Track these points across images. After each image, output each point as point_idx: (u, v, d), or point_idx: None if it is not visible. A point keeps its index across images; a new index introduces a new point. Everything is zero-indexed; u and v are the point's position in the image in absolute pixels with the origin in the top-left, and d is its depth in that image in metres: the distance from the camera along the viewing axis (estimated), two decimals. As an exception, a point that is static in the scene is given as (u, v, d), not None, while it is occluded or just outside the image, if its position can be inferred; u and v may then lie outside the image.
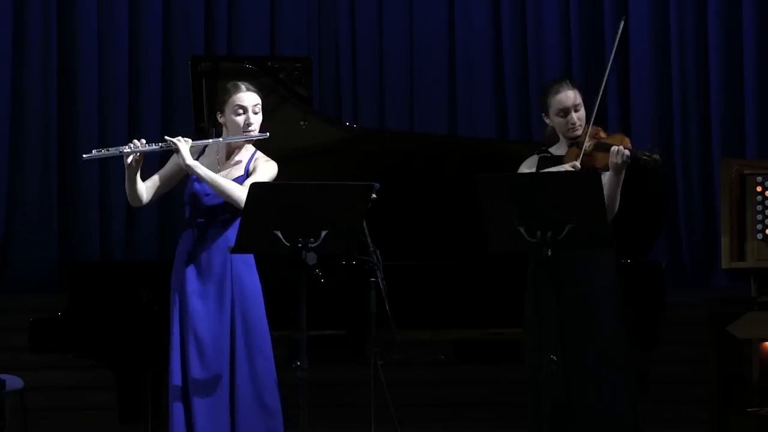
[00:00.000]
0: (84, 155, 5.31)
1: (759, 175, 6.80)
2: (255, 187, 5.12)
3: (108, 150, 5.32)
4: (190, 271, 5.39)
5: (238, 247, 5.26)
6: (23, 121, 10.25)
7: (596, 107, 5.46)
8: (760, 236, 6.76)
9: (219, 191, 5.29)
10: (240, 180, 5.38)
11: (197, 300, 5.36)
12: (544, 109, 5.51)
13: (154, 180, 5.46)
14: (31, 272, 10.05)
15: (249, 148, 5.46)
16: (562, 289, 5.22)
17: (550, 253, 5.07)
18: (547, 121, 5.53)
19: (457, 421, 8.72)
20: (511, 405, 8.23)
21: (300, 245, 5.11)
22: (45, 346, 6.28)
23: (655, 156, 5.27)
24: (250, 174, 5.40)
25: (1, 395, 6.70)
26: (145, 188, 5.44)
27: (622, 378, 5.35)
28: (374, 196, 5.22)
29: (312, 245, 5.11)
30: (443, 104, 10.48)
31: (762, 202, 6.77)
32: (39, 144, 10.24)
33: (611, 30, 10.33)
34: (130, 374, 6.20)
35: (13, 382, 6.77)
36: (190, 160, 5.29)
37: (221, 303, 5.37)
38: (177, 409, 5.35)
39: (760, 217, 6.76)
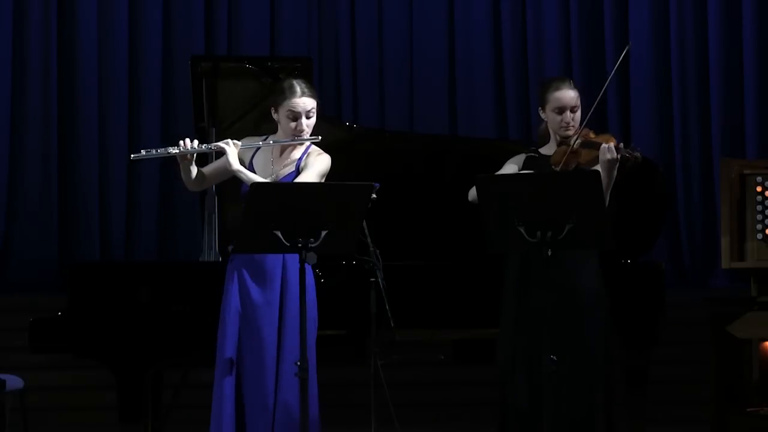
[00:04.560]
0: (132, 155, 5.33)
1: (759, 175, 6.80)
2: (255, 187, 5.13)
3: (157, 151, 5.34)
4: (244, 268, 5.43)
5: (238, 247, 5.27)
6: (23, 121, 10.25)
7: (590, 113, 5.49)
8: (760, 236, 6.76)
9: None
10: (290, 177, 5.45)
11: (250, 293, 5.39)
12: (542, 103, 5.54)
13: (207, 170, 5.51)
14: (31, 272, 10.05)
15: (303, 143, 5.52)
16: (546, 291, 5.22)
17: (550, 252, 5.08)
18: (543, 116, 5.56)
19: (457, 421, 8.72)
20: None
21: (300, 245, 5.11)
22: (45, 346, 6.27)
23: (636, 154, 5.30)
24: (301, 171, 5.46)
25: (1, 395, 6.70)
26: (202, 175, 5.49)
27: (598, 385, 5.36)
28: (374, 196, 5.22)
29: (312, 245, 5.12)
30: (443, 104, 10.47)
31: (762, 202, 6.77)
32: (39, 144, 10.23)
33: (611, 30, 10.34)
34: (130, 374, 6.20)
35: (13, 382, 6.77)
36: (236, 165, 5.37)
37: (271, 297, 5.39)
38: (228, 383, 5.36)
39: (760, 217, 6.76)
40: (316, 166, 5.47)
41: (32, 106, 10.26)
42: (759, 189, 6.78)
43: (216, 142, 5.57)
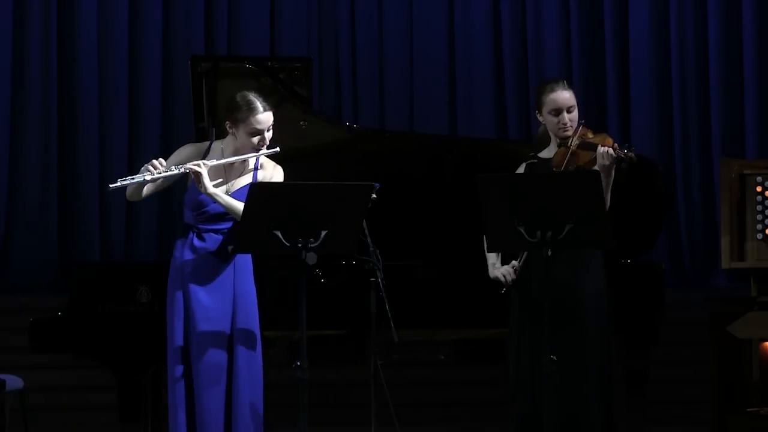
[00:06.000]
0: (110, 185, 5.32)
1: (759, 175, 6.80)
2: (255, 188, 5.13)
3: (133, 178, 5.32)
4: (192, 274, 5.40)
5: (238, 247, 5.28)
6: (23, 120, 10.25)
7: (580, 124, 5.49)
8: (760, 236, 6.76)
9: (237, 215, 5.28)
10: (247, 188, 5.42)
11: (200, 299, 5.37)
12: (538, 106, 5.53)
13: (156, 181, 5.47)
14: (31, 272, 10.05)
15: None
16: (547, 291, 5.22)
17: (550, 252, 5.08)
18: (540, 118, 5.56)
19: (457, 421, 8.72)
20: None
21: (300, 245, 5.11)
22: (45, 346, 6.28)
23: (630, 154, 5.28)
24: None
25: (1, 395, 6.70)
26: (146, 186, 5.45)
27: (598, 386, 5.36)
28: (374, 196, 5.23)
29: (312, 245, 5.12)
30: (443, 104, 10.48)
31: (762, 202, 6.77)
32: (39, 144, 10.24)
33: (611, 30, 10.34)
34: (130, 374, 6.20)
35: (13, 382, 6.77)
36: (211, 188, 5.32)
37: (222, 305, 5.38)
38: (180, 415, 5.38)
39: (760, 217, 6.76)
40: (278, 178, 5.47)
41: (32, 106, 10.26)
42: (759, 189, 6.78)
43: (186, 164, 5.39)
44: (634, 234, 6.61)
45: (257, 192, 5.12)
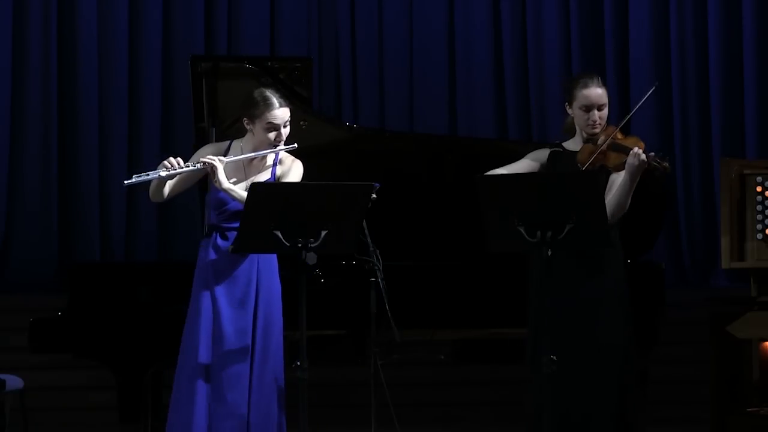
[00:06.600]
0: (125, 181, 5.33)
1: (759, 175, 6.80)
2: (255, 187, 5.14)
3: (147, 174, 5.32)
4: (215, 273, 5.41)
5: (238, 247, 5.28)
6: (23, 121, 10.25)
7: (626, 119, 5.46)
8: (760, 236, 6.76)
9: None
10: None
11: (222, 299, 5.38)
12: (569, 99, 5.48)
13: (177, 179, 5.48)
14: (31, 272, 10.05)
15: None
16: (568, 289, 5.22)
17: (550, 253, 5.07)
18: (569, 111, 5.51)
19: (457, 421, 8.72)
20: (511, 405, 8.23)
21: (300, 245, 5.12)
22: (45, 346, 6.28)
23: (665, 164, 5.26)
24: (280, 179, 5.47)
25: (1, 395, 6.70)
26: (168, 185, 5.46)
27: (623, 383, 5.35)
28: (374, 196, 5.23)
29: (312, 245, 5.12)
30: (443, 104, 10.47)
31: (762, 202, 6.77)
32: (39, 144, 10.24)
33: (611, 30, 10.34)
34: (130, 374, 6.20)
35: (13, 382, 6.77)
36: (226, 183, 5.34)
37: (245, 304, 5.39)
38: (201, 389, 5.37)
39: (760, 217, 6.76)
40: (296, 172, 5.49)
41: (32, 106, 10.26)
42: (759, 189, 6.78)
43: (202, 158, 5.45)
44: (634, 234, 6.61)
45: (257, 192, 5.12)
